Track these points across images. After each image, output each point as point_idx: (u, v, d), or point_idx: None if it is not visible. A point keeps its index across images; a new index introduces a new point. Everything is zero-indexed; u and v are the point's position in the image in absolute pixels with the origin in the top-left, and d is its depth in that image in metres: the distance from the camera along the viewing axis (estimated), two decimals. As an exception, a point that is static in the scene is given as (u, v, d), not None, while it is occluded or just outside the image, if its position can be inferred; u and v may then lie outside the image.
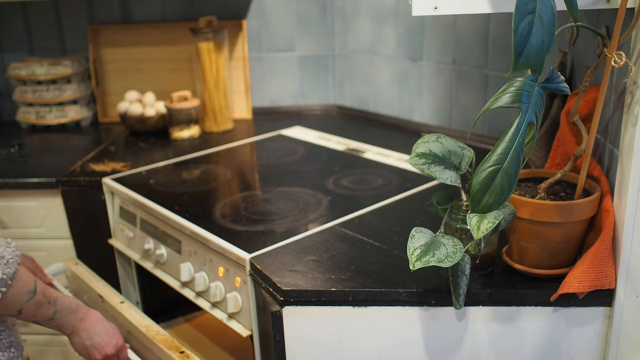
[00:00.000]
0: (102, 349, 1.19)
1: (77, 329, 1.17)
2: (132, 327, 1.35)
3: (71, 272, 1.62)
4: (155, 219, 1.52)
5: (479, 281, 1.09)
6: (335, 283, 1.12)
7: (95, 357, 1.20)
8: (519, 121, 0.89)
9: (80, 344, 1.19)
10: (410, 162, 1.06)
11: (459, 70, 1.85)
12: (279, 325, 1.14)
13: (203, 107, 2.10)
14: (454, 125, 1.90)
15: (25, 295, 1.02)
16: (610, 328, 1.05)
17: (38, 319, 1.09)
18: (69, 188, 1.73)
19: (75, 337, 1.18)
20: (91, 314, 1.20)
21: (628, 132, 0.97)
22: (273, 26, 2.20)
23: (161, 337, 1.30)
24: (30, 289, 1.03)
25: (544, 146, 1.36)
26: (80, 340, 1.18)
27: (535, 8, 0.83)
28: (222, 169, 1.77)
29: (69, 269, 1.63)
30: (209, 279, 1.36)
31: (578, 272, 1.01)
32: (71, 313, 1.15)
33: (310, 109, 2.28)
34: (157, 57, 2.23)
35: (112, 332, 1.22)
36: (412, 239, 0.99)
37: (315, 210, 1.44)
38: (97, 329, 1.19)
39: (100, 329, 1.19)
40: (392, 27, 2.00)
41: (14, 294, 1.00)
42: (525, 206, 1.02)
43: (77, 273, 1.59)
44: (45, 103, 2.18)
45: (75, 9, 2.23)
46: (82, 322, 1.18)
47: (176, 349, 1.26)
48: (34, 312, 1.06)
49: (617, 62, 0.91)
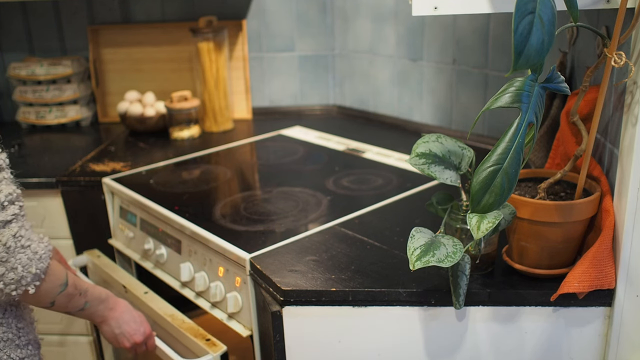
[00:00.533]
0: (131, 337, 1.23)
1: (107, 318, 1.20)
2: (157, 316, 1.38)
3: (93, 263, 1.64)
4: (155, 219, 1.52)
5: (479, 281, 1.09)
6: (335, 283, 1.12)
7: (124, 345, 1.23)
8: (519, 121, 0.89)
9: (110, 333, 1.22)
10: (410, 162, 1.06)
11: (459, 70, 1.85)
12: (279, 325, 1.14)
13: (203, 107, 2.10)
14: (454, 125, 1.90)
15: (58, 288, 1.05)
16: (610, 328, 1.05)
17: (69, 309, 1.12)
18: (69, 188, 1.73)
19: (105, 326, 1.21)
20: (120, 304, 1.23)
21: (628, 132, 0.97)
22: (273, 26, 2.20)
23: (187, 326, 1.33)
24: (62, 282, 1.06)
25: (544, 146, 1.36)
26: (109, 329, 1.21)
27: (535, 8, 0.83)
28: (222, 169, 1.77)
29: (92, 260, 1.65)
30: (209, 279, 1.36)
31: (578, 272, 1.01)
32: (101, 303, 1.18)
33: (310, 109, 2.28)
34: (157, 57, 2.23)
35: (140, 320, 1.25)
36: (412, 239, 0.99)
37: (315, 210, 1.44)
38: (126, 317, 1.22)
39: (128, 318, 1.23)
40: (392, 27, 2.00)
41: (47, 287, 1.03)
42: (525, 206, 1.02)
43: (99, 265, 1.61)
44: (45, 103, 2.18)
45: (75, 9, 2.23)
46: (112, 311, 1.21)
47: (202, 337, 1.29)
48: (66, 303, 1.10)
49: (617, 62, 0.91)
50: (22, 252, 0.96)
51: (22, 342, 1.06)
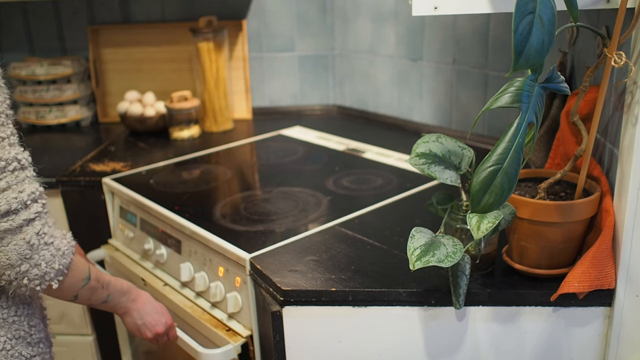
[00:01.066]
0: (153, 328, 1.24)
1: (130, 309, 1.22)
2: (177, 308, 1.39)
3: (111, 257, 1.65)
4: (155, 219, 1.52)
5: (479, 281, 1.09)
6: (335, 283, 1.12)
7: (147, 335, 1.25)
8: (519, 121, 0.89)
9: (133, 324, 1.24)
10: (410, 162, 1.06)
11: (459, 70, 1.85)
12: (279, 325, 1.14)
13: (203, 107, 2.10)
14: (454, 125, 1.90)
15: (81, 282, 1.07)
16: (610, 328, 1.05)
17: (92, 302, 1.14)
18: (69, 188, 1.73)
19: (127, 317, 1.23)
20: (142, 295, 1.25)
21: (628, 132, 0.97)
22: (273, 26, 2.20)
23: (207, 317, 1.34)
24: (84, 276, 1.08)
25: (544, 146, 1.36)
26: (132, 320, 1.23)
27: (535, 8, 0.83)
28: (222, 169, 1.77)
29: (109, 254, 1.66)
30: (209, 279, 1.36)
31: (578, 272, 1.01)
32: (123, 295, 1.20)
33: (310, 109, 2.28)
34: (157, 57, 2.23)
35: (161, 311, 1.27)
36: (412, 239, 0.99)
37: (315, 210, 1.44)
38: (148, 309, 1.24)
39: (150, 309, 1.24)
40: (392, 27, 2.00)
41: (70, 282, 1.05)
42: (525, 206, 1.02)
43: (117, 258, 1.62)
44: (45, 103, 2.18)
45: (75, 9, 2.23)
46: (134, 302, 1.22)
47: (223, 327, 1.30)
48: (89, 296, 1.11)
49: (617, 62, 0.91)
50: (46, 249, 0.98)
51: (33, 340, 1.08)
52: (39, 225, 0.98)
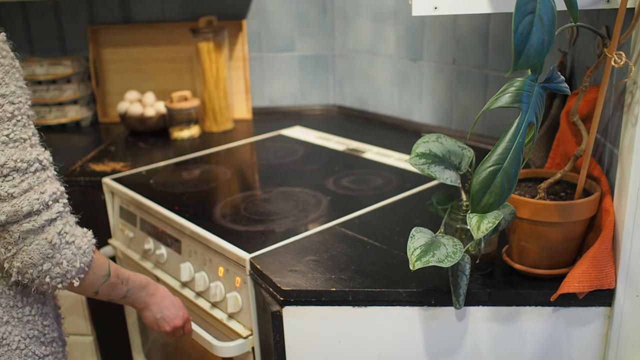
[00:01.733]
0: (171, 322, 1.26)
1: (149, 303, 1.23)
2: (190, 302, 1.41)
3: (123, 254, 1.66)
4: (155, 219, 1.52)
5: (479, 281, 1.09)
6: (335, 283, 1.12)
7: (165, 329, 1.26)
8: (519, 121, 0.89)
9: (151, 317, 1.25)
10: (410, 162, 1.06)
11: (459, 70, 1.85)
12: (279, 325, 1.14)
13: (203, 107, 2.10)
14: (454, 125, 1.90)
15: (101, 279, 1.09)
16: (610, 328, 1.05)
17: (112, 297, 1.16)
18: (69, 188, 1.72)
19: (146, 311, 1.24)
20: (160, 289, 1.26)
21: (628, 132, 0.97)
22: (273, 26, 2.20)
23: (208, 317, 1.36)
24: (104, 273, 1.09)
25: (544, 146, 1.36)
26: (151, 314, 1.24)
27: (535, 8, 0.83)
28: (222, 169, 1.77)
29: (121, 251, 1.67)
30: (209, 279, 1.36)
31: (578, 272, 1.01)
32: (142, 289, 1.21)
33: (310, 109, 2.28)
34: (157, 57, 2.23)
35: (178, 305, 1.28)
36: (412, 239, 0.99)
37: (315, 210, 1.44)
38: (166, 302, 1.25)
39: (168, 303, 1.26)
40: (392, 27, 2.00)
41: (91, 279, 1.06)
42: (525, 206, 1.02)
43: (129, 255, 1.63)
44: (45, 103, 2.18)
45: (75, 9, 2.23)
46: (153, 297, 1.24)
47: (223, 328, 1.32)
48: (109, 292, 1.13)
49: (617, 62, 0.91)
50: (67, 248, 1.00)
51: (47, 340, 1.09)
52: (60, 225, 0.99)
